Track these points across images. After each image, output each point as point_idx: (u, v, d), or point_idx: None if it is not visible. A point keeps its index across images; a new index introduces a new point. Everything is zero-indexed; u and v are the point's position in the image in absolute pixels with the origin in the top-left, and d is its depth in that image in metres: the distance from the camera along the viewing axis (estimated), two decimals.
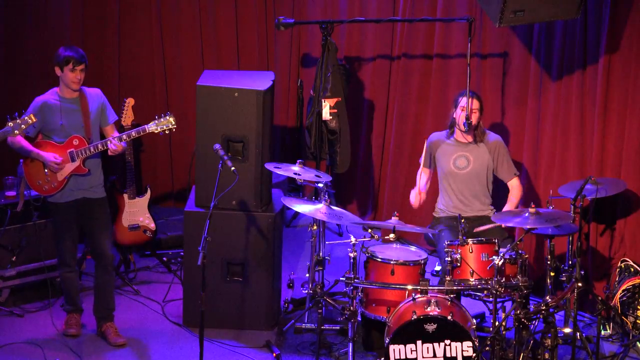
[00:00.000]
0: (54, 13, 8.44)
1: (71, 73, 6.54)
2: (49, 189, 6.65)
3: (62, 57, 6.52)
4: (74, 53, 6.54)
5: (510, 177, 7.17)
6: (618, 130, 7.23)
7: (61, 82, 6.62)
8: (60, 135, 6.61)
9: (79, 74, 6.56)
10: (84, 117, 6.63)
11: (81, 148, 6.59)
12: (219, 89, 6.90)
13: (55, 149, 6.60)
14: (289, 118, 9.43)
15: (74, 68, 6.52)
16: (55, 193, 6.65)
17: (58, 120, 6.60)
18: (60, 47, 6.59)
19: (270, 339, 6.88)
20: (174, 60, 8.96)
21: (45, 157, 6.57)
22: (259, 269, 6.98)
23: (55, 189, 6.64)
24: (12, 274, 7.27)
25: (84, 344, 6.81)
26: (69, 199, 6.68)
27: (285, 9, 9.19)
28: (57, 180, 6.62)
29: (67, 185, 6.64)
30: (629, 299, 6.95)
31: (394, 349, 6.12)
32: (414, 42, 8.46)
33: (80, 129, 6.62)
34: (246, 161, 6.89)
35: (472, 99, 7.06)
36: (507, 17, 6.74)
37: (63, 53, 6.54)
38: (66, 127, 6.60)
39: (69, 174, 6.62)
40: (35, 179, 6.68)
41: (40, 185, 6.67)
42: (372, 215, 8.96)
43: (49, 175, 6.62)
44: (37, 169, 6.66)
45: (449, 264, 6.39)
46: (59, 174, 6.61)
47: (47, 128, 6.63)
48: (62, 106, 6.61)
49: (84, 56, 6.58)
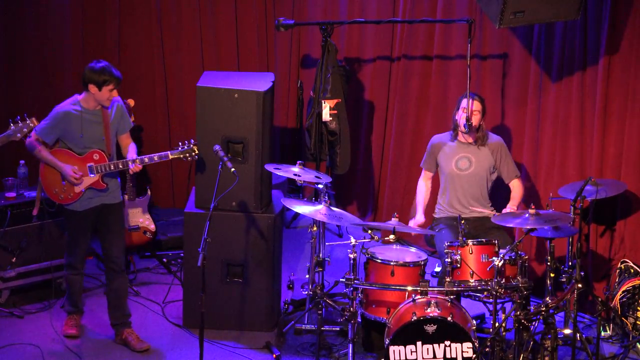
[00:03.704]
0: (54, 13, 8.43)
1: (109, 93, 6.43)
2: (65, 198, 6.57)
3: (103, 79, 6.37)
4: (115, 74, 6.41)
5: (512, 177, 7.17)
6: (618, 131, 7.23)
7: (89, 95, 6.47)
8: (79, 146, 6.51)
9: (115, 93, 6.48)
10: (105, 130, 6.53)
11: (101, 164, 6.50)
12: (218, 90, 6.90)
13: (74, 161, 6.51)
14: (288, 119, 9.43)
15: (114, 89, 6.43)
16: (72, 202, 6.59)
17: (78, 132, 6.49)
18: (92, 64, 6.44)
19: (270, 340, 6.88)
20: (174, 61, 8.96)
21: (64, 169, 6.48)
22: (259, 270, 6.98)
23: (72, 200, 6.56)
24: (12, 275, 7.27)
25: (83, 345, 6.81)
26: (88, 207, 6.61)
27: (285, 10, 9.19)
28: (74, 192, 6.54)
29: (85, 195, 6.56)
30: (629, 300, 6.95)
31: (394, 350, 6.12)
32: (414, 43, 8.46)
33: (101, 143, 6.53)
34: (246, 162, 6.89)
35: (473, 101, 7.06)
36: (507, 18, 6.74)
37: (102, 75, 6.38)
38: (86, 140, 6.50)
39: (86, 187, 6.54)
40: (52, 187, 6.59)
41: (56, 193, 6.58)
42: (372, 216, 8.95)
43: (66, 185, 6.54)
44: (54, 177, 6.56)
45: (448, 265, 6.40)
46: (76, 187, 6.52)
47: (66, 138, 6.52)
48: (84, 117, 6.49)
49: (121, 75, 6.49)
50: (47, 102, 8.37)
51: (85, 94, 6.49)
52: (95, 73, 6.40)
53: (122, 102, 6.67)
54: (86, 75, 6.42)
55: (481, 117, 7.10)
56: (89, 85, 6.42)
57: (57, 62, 8.48)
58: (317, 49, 8.83)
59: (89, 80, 6.42)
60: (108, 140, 6.55)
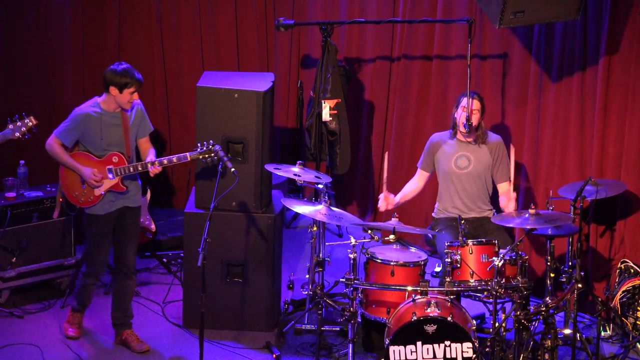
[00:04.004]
0: (54, 13, 8.44)
1: (130, 95, 6.39)
2: (85, 201, 6.51)
3: (124, 81, 6.33)
4: (137, 77, 6.38)
5: (504, 179, 7.13)
6: (618, 131, 7.23)
7: (110, 97, 6.42)
8: (98, 149, 6.46)
9: (136, 96, 6.44)
10: (125, 133, 6.49)
11: (120, 166, 6.46)
12: (218, 90, 6.90)
13: (93, 164, 6.46)
14: (288, 119, 9.43)
15: (135, 91, 6.39)
16: (93, 205, 6.54)
17: (98, 135, 6.44)
18: (114, 66, 6.40)
19: (270, 340, 6.88)
20: (174, 61, 8.96)
21: (84, 172, 6.42)
22: (259, 270, 6.98)
23: (92, 203, 6.50)
24: (12, 275, 7.27)
25: (83, 346, 6.81)
26: (110, 210, 6.56)
27: (285, 10, 9.19)
28: (94, 195, 6.49)
29: (105, 198, 6.51)
30: (629, 300, 6.95)
31: (394, 350, 6.12)
32: (413, 43, 8.46)
33: (120, 146, 6.48)
34: (246, 162, 6.89)
35: (472, 100, 7.05)
36: (507, 18, 6.74)
37: (124, 77, 6.34)
38: (105, 142, 6.46)
39: (106, 190, 6.50)
40: (71, 190, 6.53)
41: (76, 197, 6.52)
42: (372, 216, 8.95)
43: (86, 189, 6.48)
44: (74, 180, 6.51)
45: (448, 265, 6.40)
46: (96, 190, 6.48)
47: (85, 140, 6.47)
48: (103, 120, 6.44)
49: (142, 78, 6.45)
50: (47, 102, 8.42)
51: (106, 96, 6.43)
52: (117, 75, 6.35)
53: (142, 105, 6.62)
54: (107, 77, 6.37)
55: (480, 115, 7.10)
56: (110, 87, 6.37)
57: (57, 62, 8.48)
58: (317, 49, 8.83)
59: (110, 82, 6.36)
60: (127, 143, 6.50)
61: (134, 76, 6.36)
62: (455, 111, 7.14)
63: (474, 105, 7.05)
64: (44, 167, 8.33)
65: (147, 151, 6.63)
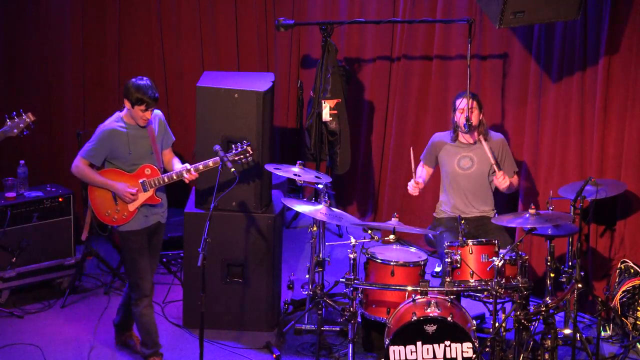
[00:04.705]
0: (54, 13, 8.43)
1: (141, 113, 6.19)
2: (118, 219, 6.29)
3: (136, 97, 6.13)
4: (150, 95, 6.15)
5: (510, 174, 7.17)
6: (618, 131, 7.23)
7: (128, 111, 6.26)
8: (127, 163, 6.27)
9: (149, 114, 6.24)
10: (153, 144, 6.31)
11: (154, 178, 6.28)
12: (218, 90, 6.90)
13: (126, 178, 6.27)
14: (288, 119, 9.43)
15: (146, 110, 6.19)
16: (127, 223, 6.34)
17: (126, 150, 6.23)
18: (135, 79, 6.20)
19: (270, 340, 6.88)
20: (174, 61, 8.96)
21: (118, 187, 6.22)
22: (259, 270, 6.98)
23: (126, 220, 6.30)
24: (12, 275, 7.27)
25: (83, 346, 6.81)
26: (145, 225, 6.37)
27: (285, 10, 9.19)
28: (128, 211, 6.29)
29: (139, 213, 6.32)
30: (629, 300, 6.95)
31: (394, 350, 6.12)
32: (413, 43, 8.46)
33: (150, 157, 6.30)
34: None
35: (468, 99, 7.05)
36: (507, 18, 6.74)
37: (137, 93, 6.13)
38: (134, 156, 6.26)
39: (141, 205, 6.32)
40: (103, 209, 6.30)
41: (109, 215, 6.30)
42: (372, 216, 8.95)
43: (119, 205, 6.27)
44: (105, 199, 6.29)
45: (448, 265, 6.40)
46: (131, 205, 6.28)
47: (114, 156, 6.26)
48: (130, 134, 6.25)
49: (157, 97, 6.21)
50: (47, 102, 8.41)
51: (126, 109, 6.26)
52: (131, 89, 6.16)
53: (163, 116, 6.47)
54: (125, 88, 6.20)
55: (479, 112, 7.09)
56: (124, 100, 6.21)
57: (57, 62, 8.47)
58: (317, 49, 8.83)
59: (124, 95, 6.19)
60: (157, 154, 6.33)
61: (146, 94, 6.14)
62: (453, 115, 7.14)
63: (471, 104, 7.04)
64: (44, 167, 8.33)
65: (172, 161, 6.48)
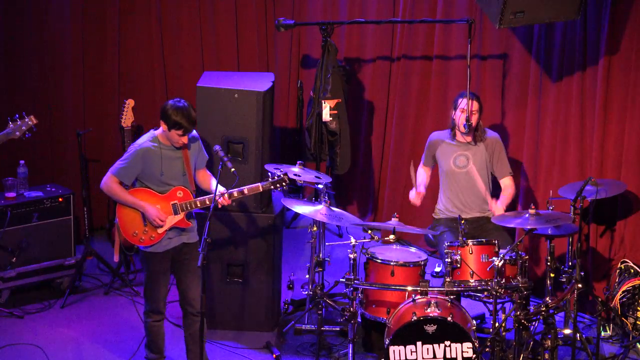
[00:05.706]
0: (54, 13, 8.43)
1: (178, 137, 6.02)
2: (146, 240, 6.12)
3: (174, 121, 5.95)
4: (187, 122, 5.96)
5: (504, 174, 7.15)
6: (618, 131, 7.23)
7: (164, 132, 6.08)
8: (158, 184, 6.10)
9: (186, 139, 6.05)
10: (186, 165, 6.14)
11: (186, 201, 6.11)
12: (218, 90, 6.89)
13: (157, 200, 6.10)
14: (289, 119, 9.43)
15: (183, 134, 6.01)
16: (153, 244, 6.17)
17: (158, 170, 6.07)
18: (173, 101, 6.02)
19: (270, 340, 6.88)
20: (174, 61, 8.95)
21: (149, 211, 6.04)
22: (259, 270, 6.98)
23: (153, 242, 6.12)
24: (12, 275, 7.27)
25: (83, 346, 6.81)
26: (168, 247, 6.18)
27: (285, 10, 9.19)
28: (157, 234, 6.11)
29: (166, 235, 6.15)
30: (628, 300, 6.95)
31: (394, 350, 6.12)
32: (413, 44, 8.46)
33: (182, 179, 6.13)
34: (246, 162, 6.89)
35: (471, 101, 7.05)
36: (507, 19, 6.74)
37: (175, 116, 5.94)
38: (166, 177, 6.09)
39: (170, 227, 6.15)
40: (130, 229, 6.11)
41: (136, 235, 6.11)
42: (372, 216, 8.95)
43: (148, 227, 6.09)
44: (134, 219, 6.11)
45: (448, 265, 6.40)
46: (160, 228, 6.12)
47: (145, 176, 6.09)
48: (163, 154, 6.08)
49: (195, 122, 6.04)
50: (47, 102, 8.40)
51: (162, 129, 6.10)
52: (169, 112, 5.97)
53: (197, 134, 6.25)
54: (162, 109, 6.03)
55: (479, 116, 7.10)
56: (160, 121, 6.04)
57: (57, 62, 8.47)
58: (317, 49, 8.83)
59: (161, 117, 6.02)
60: (190, 176, 6.16)
61: (183, 118, 5.96)
62: (453, 113, 7.14)
63: (473, 106, 7.05)
64: (44, 167, 8.34)
65: (208, 181, 6.32)
